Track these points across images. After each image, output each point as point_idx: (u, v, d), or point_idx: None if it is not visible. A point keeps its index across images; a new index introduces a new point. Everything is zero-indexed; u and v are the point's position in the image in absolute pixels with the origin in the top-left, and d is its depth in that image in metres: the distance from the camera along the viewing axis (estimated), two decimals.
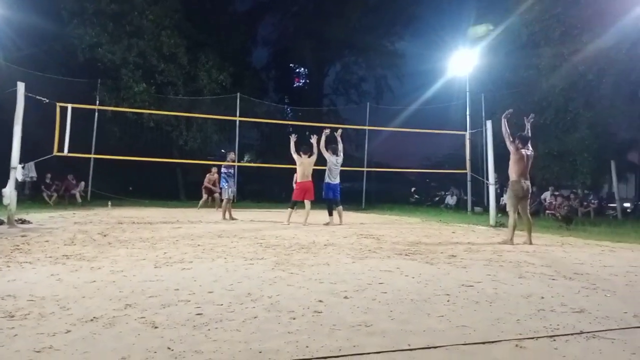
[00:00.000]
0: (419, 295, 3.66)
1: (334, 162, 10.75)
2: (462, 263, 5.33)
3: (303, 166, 10.69)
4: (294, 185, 11.54)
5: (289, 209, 10.88)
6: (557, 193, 16.63)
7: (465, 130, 15.95)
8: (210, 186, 16.17)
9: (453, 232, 9.53)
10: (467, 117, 19.17)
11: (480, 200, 19.15)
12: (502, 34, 17.73)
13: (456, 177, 20.47)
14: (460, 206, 20.63)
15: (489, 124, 12.07)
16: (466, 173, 15.52)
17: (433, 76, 24.64)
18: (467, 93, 19.67)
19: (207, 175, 16.37)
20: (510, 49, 18.15)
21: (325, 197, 10.93)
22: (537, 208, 17.34)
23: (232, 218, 11.76)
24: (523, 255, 6.11)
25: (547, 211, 15.85)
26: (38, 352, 2.27)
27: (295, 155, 10.79)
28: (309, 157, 10.73)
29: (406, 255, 5.92)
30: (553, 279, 4.48)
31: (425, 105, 25.52)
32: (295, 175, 11.75)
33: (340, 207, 11.05)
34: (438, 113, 24.06)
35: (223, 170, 12.36)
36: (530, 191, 7.64)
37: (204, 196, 16.36)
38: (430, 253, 6.12)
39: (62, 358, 2.21)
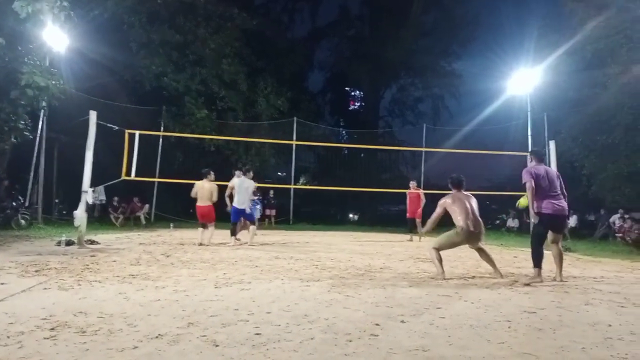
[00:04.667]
0: (479, 321, 3.57)
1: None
2: (524, 289, 5.15)
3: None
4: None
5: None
6: (627, 216, 15.67)
7: (527, 151, 15.43)
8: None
9: (515, 257, 9.21)
10: (529, 137, 18.57)
11: None
12: (565, 52, 17.14)
13: (519, 199, 19.76)
14: (523, 229, 19.87)
15: (552, 144, 11.57)
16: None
17: (491, 95, 24.07)
18: (529, 112, 19.09)
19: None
20: (574, 67, 17.52)
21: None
22: (606, 232, 16.47)
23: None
24: (591, 282, 5.83)
25: (617, 235, 14.99)
26: None
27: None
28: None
29: (465, 280, 5.79)
30: (622, 307, 4.27)
31: (484, 125, 25.01)
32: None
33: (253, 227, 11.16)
34: (497, 133, 23.53)
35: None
36: None
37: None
38: (490, 278, 5.95)
39: None
